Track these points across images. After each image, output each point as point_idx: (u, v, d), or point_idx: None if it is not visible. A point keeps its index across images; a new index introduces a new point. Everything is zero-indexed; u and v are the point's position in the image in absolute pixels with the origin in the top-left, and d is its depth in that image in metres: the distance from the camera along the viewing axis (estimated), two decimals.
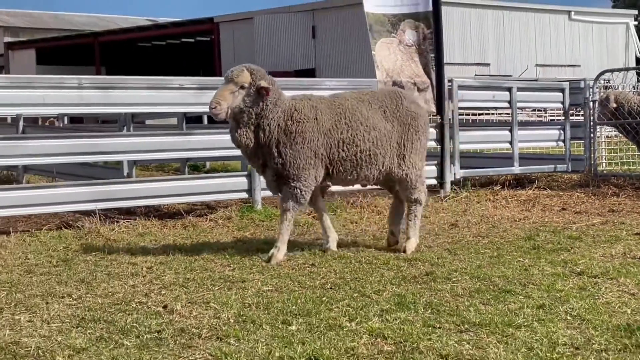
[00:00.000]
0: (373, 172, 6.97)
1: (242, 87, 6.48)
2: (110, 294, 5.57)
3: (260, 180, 9.35)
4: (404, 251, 6.95)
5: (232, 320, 4.84)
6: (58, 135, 9.55)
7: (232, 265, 6.46)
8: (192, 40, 42.40)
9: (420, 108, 7.30)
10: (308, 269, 6.36)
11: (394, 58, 10.28)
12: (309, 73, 31.46)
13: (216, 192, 9.37)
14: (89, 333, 4.64)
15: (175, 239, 7.77)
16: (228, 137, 9.55)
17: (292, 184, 6.64)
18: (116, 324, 4.79)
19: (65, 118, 17.52)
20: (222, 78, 6.79)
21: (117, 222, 8.45)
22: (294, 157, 6.61)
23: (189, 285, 5.78)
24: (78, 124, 21.85)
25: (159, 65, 41.61)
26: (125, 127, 11.32)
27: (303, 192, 6.67)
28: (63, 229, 8.32)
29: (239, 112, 6.51)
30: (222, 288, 5.70)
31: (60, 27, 47.95)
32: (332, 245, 7.05)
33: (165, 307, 5.16)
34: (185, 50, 44.31)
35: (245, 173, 9.56)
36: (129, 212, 9.52)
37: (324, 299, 5.30)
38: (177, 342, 4.48)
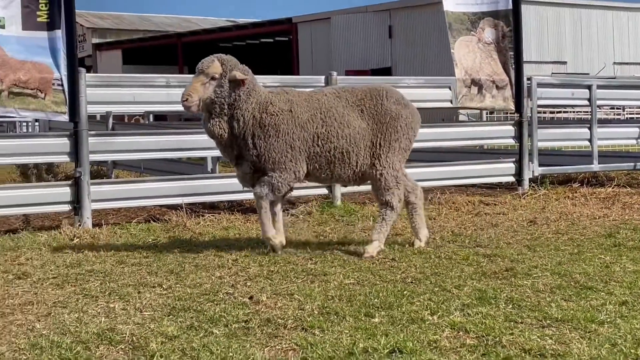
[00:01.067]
0: (347, 172, 6.76)
1: (213, 78, 6.40)
2: (198, 284, 5.68)
3: None
4: (363, 253, 6.59)
5: (316, 312, 4.89)
6: (146, 132, 9.76)
7: (314, 259, 6.51)
8: (271, 40, 42.74)
9: (405, 108, 6.86)
10: (388, 263, 6.37)
11: (473, 56, 10.20)
12: (385, 72, 31.41)
13: (296, 188, 9.41)
14: (179, 321, 4.74)
15: (258, 233, 7.84)
16: None
17: (270, 174, 6.54)
18: (205, 313, 4.89)
19: (151, 116, 17.87)
20: (304, 77, 6.83)
21: (203, 215, 8.60)
22: (268, 150, 6.50)
23: (273, 278, 5.85)
24: (162, 121, 22.27)
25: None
26: None
27: (279, 184, 6.55)
28: (151, 222, 8.50)
29: (210, 103, 6.43)
30: (305, 281, 5.75)
31: (145, 28, 48.92)
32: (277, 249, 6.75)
33: (251, 298, 5.25)
34: (264, 50, 44.69)
35: None
36: (213, 207, 9.66)
37: (405, 292, 5.31)
38: (264, 331, 4.55)
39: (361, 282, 5.68)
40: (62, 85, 7.99)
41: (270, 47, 43.94)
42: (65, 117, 8.07)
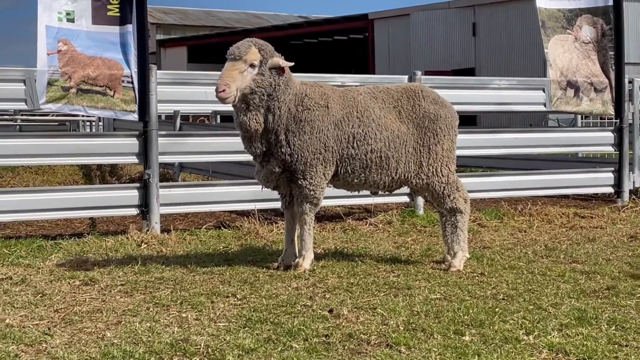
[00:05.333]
0: (384, 178, 6.60)
1: (251, 66, 6.17)
2: (274, 295, 5.73)
3: None
4: (449, 267, 6.56)
5: (402, 328, 4.88)
6: (217, 133, 9.88)
7: (396, 271, 6.50)
8: (345, 37, 42.83)
9: (443, 108, 6.72)
10: (477, 278, 6.32)
11: (569, 56, 10.05)
12: (468, 72, 31.18)
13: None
14: (256, 334, 4.79)
15: (335, 243, 7.89)
16: None
17: (300, 183, 6.39)
18: (283, 326, 4.93)
19: (218, 116, 18.06)
20: (385, 77, 6.81)
21: (275, 223, 8.66)
22: (301, 149, 6.33)
23: (354, 290, 5.86)
24: (229, 122, 22.45)
25: (310, 64, 42.24)
26: None
27: (314, 192, 6.41)
28: (221, 228, 8.59)
29: (250, 93, 6.18)
30: (387, 294, 5.75)
31: (211, 24, 49.54)
32: (287, 260, 6.63)
33: (331, 311, 5.26)
34: (338, 48, 44.81)
35: None
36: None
37: (497, 309, 5.26)
38: (346, 347, 4.56)
39: (448, 298, 5.64)
40: (132, 82, 8.13)
41: (344, 45, 44.05)
42: (134, 116, 8.20)
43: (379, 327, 4.90)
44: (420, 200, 9.36)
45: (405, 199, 9.44)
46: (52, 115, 20.38)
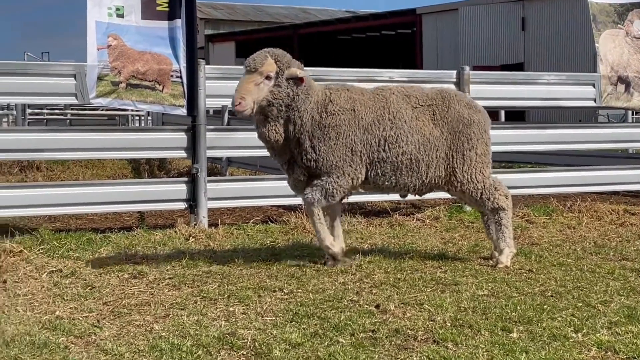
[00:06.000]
0: (414, 181, 6.48)
1: (267, 77, 6.09)
2: (320, 290, 5.73)
3: None
4: (496, 263, 6.49)
5: (449, 324, 4.85)
6: (252, 127, 9.91)
7: (443, 267, 6.47)
8: (393, 32, 42.70)
9: (477, 112, 6.62)
10: (525, 274, 6.27)
11: (619, 51, 9.90)
12: (517, 67, 30.90)
13: None
14: (303, 328, 4.80)
15: (382, 238, 7.87)
16: None
17: (324, 178, 6.30)
18: (330, 320, 4.93)
19: None
20: (433, 72, 6.76)
21: None
22: (327, 154, 6.25)
23: (400, 286, 5.84)
24: None
25: (357, 59, 42.25)
26: None
27: (334, 189, 6.29)
28: (269, 223, 8.62)
29: (267, 106, 6.13)
30: (434, 290, 5.72)
31: (259, 19, 49.74)
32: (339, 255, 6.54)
33: (377, 306, 5.25)
34: (385, 43, 44.69)
35: None
36: None
37: (545, 307, 5.21)
38: (393, 342, 4.55)
39: (496, 294, 5.60)
40: (180, 77, 8.19)
41: (392, 40, 43.91)
42: (183, 111, 8.26)
43: (425, 323, 4.88)
44: None
45: None
46: (102, 110, 20.62)
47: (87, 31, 7.90)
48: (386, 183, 6.47)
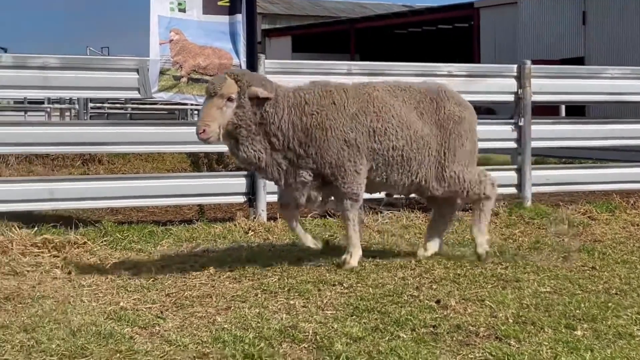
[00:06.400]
0: (404, 179, 6.28)
1: (229, 99, 5.80)
2: (380, 284, 5.73)
3: (531, 175, 9.23)
4: (477, 256, 6.42)
5: (511, 321, 4.82)
6: None
7: (503, 264, 6.41)
8: (450, 26, 42.35)
9: (466, 109, 6.47)
10: (588, 271, 6.19)
11: None
12: (577, 62, 30.44)
13: None
14: (363, 322, 4.81)
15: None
16: (493, 128, 9.59)
17: (336, 184, 6.09)
18: (390, 315, 4.93)
19: None
20: (494, 66, 6.69)
21: (380, 212, 8.65)
22: (321, 155, 6.00)
23: (461, 281, 5.81)
24: None
25: (414, 53, 42.03)
26: None
27: (352, 188, 6.09)
28: (327, 217, 8.63)
29: (234, 129, 5.85)
30: (495, 286, 5.68)
31: (316, 14, 49.77)
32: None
33: (438, 302, 5.24)
34: (441, 37, 44.37)
35: (515, 167, 9.50)
36: (390, 204, 9.69)
37: (609, 304, 5.15)
38: (454, 338, 4.53)
39: (559, 291, 5.55)
40: None
41: (448, 34, 43.59)
42: None
43: (487, 319, 4.85)
44: (528, 192, 9.21)
45: (513, 190, 9.31)
46: (161, 104, 20.82)
47: (150, 26, 8.01)
48: (377, 179, 6.26)
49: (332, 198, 6.35)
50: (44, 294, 5.48)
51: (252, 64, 8.25)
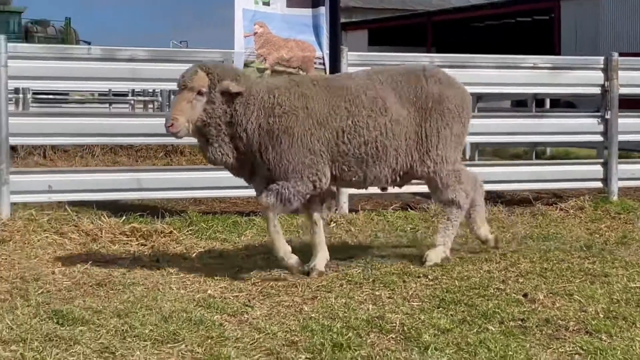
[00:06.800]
0: (384, 172, 5.91)
1: (199, 93, 5.51)
2: (466, 277, 5.71)
3: (618, 169, 9.07)
4: (424, 261, 6.03)
5: (601, 315, 4.76)
6: None
7: (590, 258, 6.31)
8: (529, 19, 41.77)
9: (450, 87, 6.08)
10: None
11: None
12: None
13: (566, 180, 9.25)
14: (450, 315, 4.80)
15: (524, 227, 7.75)
16: (578, 121, 9.45)
17: (280, 182, 5.68)
18: (477, 308, 4.91)
19: None
20: (579, 58, 6.57)
21: None
22: (280, 160, 5.64)
23: (548, 275, 5.74)
24: None
25: (491, 46, 41.56)
26: None
27: (291, 195, 5.65)
28: (408, 209, 8.62)
29: (203, 126, 5.56)
30: (583, 281, 5.60)
31: (392, 7, 49.59)
32: (320, 265, 5.91)
33: (525, 295, 5.19)
34: (520, 30, 43.78)
35: (601, 161, 9.34)
36: None
37: None
38: (543, 332, 4.50)
39: None
40: (323, 64, 8.29)
41: (527, 27, 42.98)
42: None
43: (577, 314, 4.79)
44: (614, 186, 9.05)
45: (598, 184, 9.16)
46: None
47: (234, 19, 8.08)
48: (354, 178, 5.93)
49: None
50: (134, 281, 5.60)
51: (334, 56, 8.27)
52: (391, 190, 8.88)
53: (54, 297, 5.16)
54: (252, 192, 8.64)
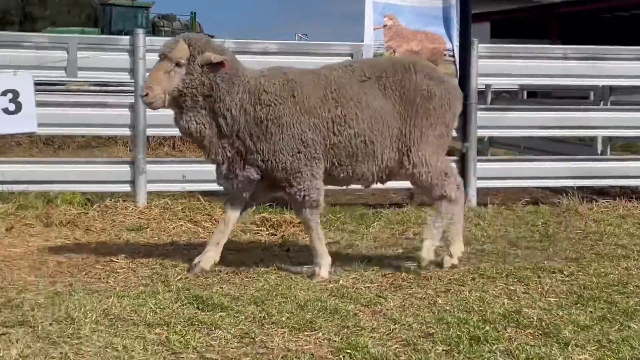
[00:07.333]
0: (371, 168, 5.62)
1: (178, 64, 5.32)
2: (603, 274, 5.59)
3: None
4: (442, 265, 5.73)
5: None
6: (534, 107, 9.79)
7: None
8: None
9: (440, 84, 5.71)
10: None
11: None
12: None
13: None
14: (589, 311, 4.71)
15: None
16: None
17: (289, 191, 5.54)
18: (617, 305, 4.81)
19: (524, 92, 17.67)
20: None
21: (595, 201, 8.39)
22: (274, 153, 5.42)
23: None
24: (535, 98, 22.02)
25: (621, 39, 40.31)
26: (601, 102, 11.13)
27: (310, 195, 5.50)
28: (538, 204, 8.47)
29: (178, 96, 5.36)
30: None
31: None
32: (205, 264, 5.65)
33: None
34: None
35: None
36: (601, 192, 9.40)
37: None
38: None
39: None
40: (453, 56, 8.23)
41: None
42: None
43: None
44: None
45: None
46: None
47: (365, 12, 8.12)
48: (342, 174, 5.65)
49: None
50: (267, 270, 5.69)
51: (465, 48, 8.21)
52: (517, 184, 8.93)
53: (193, 283, 5.31)
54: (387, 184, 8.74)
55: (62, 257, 6.03)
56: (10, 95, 7.41)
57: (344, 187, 6.11)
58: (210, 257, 5.68)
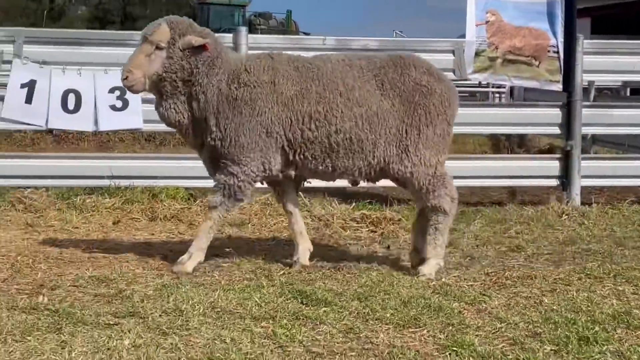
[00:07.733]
0: (358, 164, 5.44)
1: (158, 48, 5.25)
2: None
3: None
4: (417, 274, 5.43)
5: None
6: (628, 104, 9.60)
7: None
8: None
9: (440, 81, 5.53)
10: None
11: None
12: None
13: None
14: None
15: None
16: None
17: (228, 170, 5.39)
18: None
19: (628, 89, 17.27)
20: None
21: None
22: (236, 132, 5.31)
23: None
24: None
25: None
26: None
27: (240, 184, 5.38)
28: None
29: (158, 81, 5.29)
30: None
31: None
32: (303, 257, 5.66)
33: None
34: None
35: None
36: None
37: None
38: None
39: None
40: (557, 52, 8.10)
41: None
42: (558, 87, 8.18)
43: None
44: None
45: None
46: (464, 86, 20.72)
47: (467, 7, 8.06)
48: (320, 167, 5.49)
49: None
50: (368, 266, 5.70)
51: (570, 44, 8.07)
52: (623, 183, 8.73)
53: (296, 278, 5.35)
54: (477, 182, 8.67)
55: (167, 251, 6.17)
56: (117, 93, 7.60)
57: (330, 182, 5.95)
58: (304, 249, 5.72)
